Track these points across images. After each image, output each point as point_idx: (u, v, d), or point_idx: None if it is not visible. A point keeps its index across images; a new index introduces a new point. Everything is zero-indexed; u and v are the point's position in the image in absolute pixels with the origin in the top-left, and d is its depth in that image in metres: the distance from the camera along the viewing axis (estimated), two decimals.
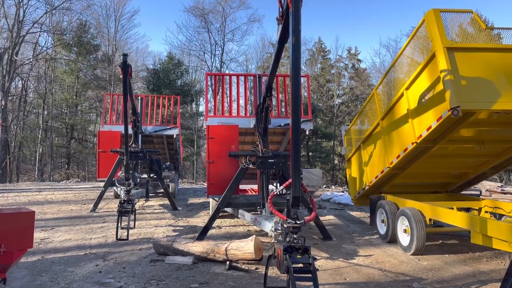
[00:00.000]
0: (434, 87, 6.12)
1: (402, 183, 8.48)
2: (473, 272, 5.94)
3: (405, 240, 7.11)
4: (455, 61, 5.82)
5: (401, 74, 7.23)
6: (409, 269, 6.13)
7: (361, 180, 9.18)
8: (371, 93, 8.70)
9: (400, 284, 5.44)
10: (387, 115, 7.73)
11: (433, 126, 6.15)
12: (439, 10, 6.06)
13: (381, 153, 8.05)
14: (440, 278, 5.67)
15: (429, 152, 7.02)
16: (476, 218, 5.76)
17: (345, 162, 10.34)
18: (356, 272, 5.94)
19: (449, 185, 8.80)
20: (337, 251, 7.18)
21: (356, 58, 45.28)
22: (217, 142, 8.53)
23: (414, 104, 6.74)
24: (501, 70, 5.95)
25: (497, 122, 6.31)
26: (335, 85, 43.33)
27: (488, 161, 7.66)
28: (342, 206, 12.92)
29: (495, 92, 5.80)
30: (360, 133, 9.22)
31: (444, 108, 5.80)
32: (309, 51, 45.99)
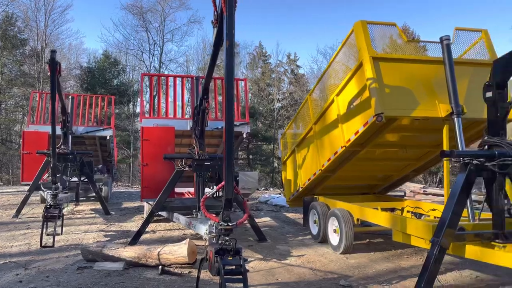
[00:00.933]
0: (361, 94, 6.48)
1: (333, 185, 8.84)
2: (394, 268, 6.35)
3: (335, 239, 7.43)
4: (380, 70, 6.20)
5: (332, 81, 7.57)
6: (338, 267, 6.41)
7: (295, 182, 9.45)
8: (305, 98, 9.01)
9: (329, 282, 5.68)
10: (319, 120, 8.03)
11: (360, 131, 6.50)
12: (366, 22, 6.43)
13: (314, 156, 8.35)
14: (365, 275, 6.00)
15: (357, 155, 7.41)
16: (397, 218, 6.17)
17: (281, 165, 10.59)
18: (288, 272, 6.10)
19: (376, 187, 9.33)
20: (271, 252, 7.32)
21: (295, 63, 46.49)
22: (152, 144, 8.34)
23: (343, 109, 7.08)
24: (420, 80, 6.44)
25: (417, 128, 6.81)
26: (275, 90, 44.17)
27: (410, 164, 8.23)
28: (278, 208, 13.19)
29: (415, 100, 6.27)
30: (295, 137, 9.50)
31: (369, 114, 6.15)
32: (250, 55, 46.51)
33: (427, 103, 6.27)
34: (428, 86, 6.41)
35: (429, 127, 6.61)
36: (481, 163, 5.05)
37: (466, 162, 5.12)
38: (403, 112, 6.14)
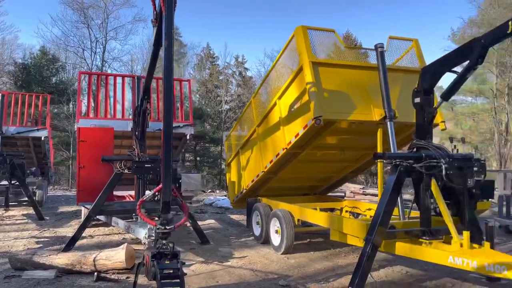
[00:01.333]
0: (301, 97, 6.64)
1: (276, 187, 8.98)
2: (332, 267, 6.55)
3: (276, 240, 7.54)
4: (319, 75, 6.40)
5: (275, 84, 7.69)
6: (278, 267, 6.51)
7: (239, 184, 9.48)
8: (249, 100, 9.08)
9: (268, 282, 5.74)
10: (262, 122, 8.13)
11: (300, 133, 6.67)
12: (306, 27, 6.62)
13: (257, 158, 8.43)
14: (304, 274, 6.14)
15: (298, 157, 7.58)
16: (334, 217, 6.39)
17: (226, 167, 10.59)
18: (229, 274, 6.10)
19: (317, 188, 9.60)
20: (213, 255, 7.27)
21: (243, 66, 46.71)
22: (89, 145, 7.99)
23: (285, 112, 7.22)
24: (357, 85, 6.74)
25: (354, 131, 7.10)
26: (223, 91, 44.09)
27: (348, 165, 8.56)
28: (223, 210, 13.16)
29: (352, 104, 6.54)
30: (239, 139, 9.54)
31: (309, 117, 6.32)
32: (197, 56, 46.09)
33: (362, 107, 6.56)
34: (364, 91, 6.71)
35: (365, 130, 6.91)
36: (410, 165, 5.37)
37: (397, 164, 5.42)
38: (340, 115, 6.37)
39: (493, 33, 4.74)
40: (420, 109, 5.68)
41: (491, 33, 4.78)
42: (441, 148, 5.35)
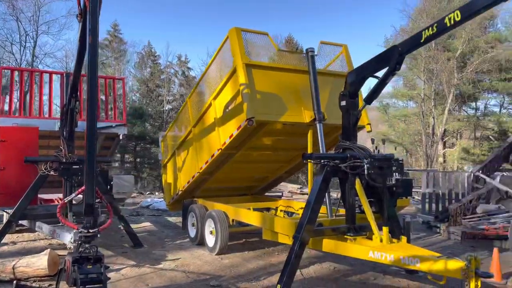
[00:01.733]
0: (235, 98, 6.70)
1: (213, 187, 8.97)
2: (265, 266, 6.67)
3: (211, 241, 7.53)
4: (252, 77, 6.49)
5: (210, 85, 7.69)
6: (211, 268, 6.51)
7: (175, 185, 9.35)
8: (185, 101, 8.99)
9: (200, 283, 5.73)
10: (198, 123, 8.09)
11: (235, 134, 6.72)
12: (240, 29, 6.68)
13: (192, 159, 8.37)
14: (236, 274, 6.19)
15: (233, 158, 7.63)
16: (266, 217, 6.51)
17: (162, 168, 10.40)
18: (160, 277, 6.00)
19: (254, 188, 9.72)
20: (145, 258, 7.11)
21: (186, 65, 46.11)
22: (10, 146, 7.45)
23: (220, 113, 7.24)
24: (289, 87, 6.92)
25: (286, 132, 7.26)
26: (165, 91, 43.22)
27: (282, 166, 8.76)
28: (161, 212, 12.90)
29: (284, 106, 6.70)
30: (176, 139, 9.40)
31: (242, 118, 6.39)
32: (138, 54, 44.76)
33: (294, 109, 6.75)
34: (296, 94, 6.91)
35: (296, 131, 7.10)
36: (336, 165, 5.61)
37: (324, 164, 5.65)
38: (272, 117, 6.51)
39: (409, 42, 5.10)
40: (346, 112, 5.96)
41: (407, 42, 5.14)
42: (364, 149, 5.65)
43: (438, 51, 29.32)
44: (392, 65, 5.20)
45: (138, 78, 43.76)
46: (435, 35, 4.70)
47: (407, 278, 5.97)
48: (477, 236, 8.42)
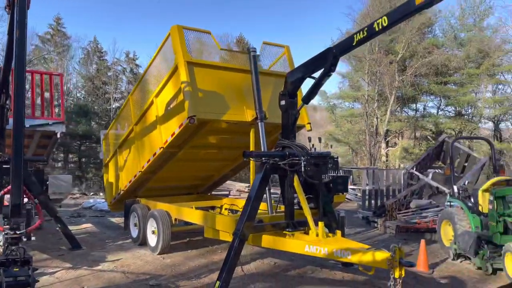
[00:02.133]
0: (177, 96, 6.66)
1: (157, 187, 8.84)
2: (206, 264, 6.69)
3: (153, 240, 7.43)
4: (194, 75, 6.48)
5: (152, 82, 7.58)
6: (152, 268, 6.43)
7: (117, 185, 9.11)
8: (126, 98, 8.79)
9: (139, 283, 5.64)
10: (140, 121, 7.94)
11: (176, 132, 6.68)
12: (182, 27, 6.65)
13: (134, 158, 8.20)
14: (177, 273, 6.16)
15: (176, 156, 7.57)
16: (208, 215, 6.54)
17: (103, 167, 10.09)
18: (97, 279, 5.84)
19: (200, 187, 9.69)
20: (83, 260, 6.88)
21: (134, 63, 44.82)
22: None
23: (162, 111, 7.16)
24: (232, 86, 6.98)
25: (229, 131, 7.33)
26: (112, 88, 41.80)
27: (227, 164, 8.81)
28: (104, 213, 12.50)
29: (226, 105, 6.75)
30: (117, 138, 9.16)
31: (184, 116, 6.37)
32: (83, 49, 42.93)
33: (236, 108, 6.82)
34: (238, 93, 6.99)
35: (239, 130, 7.18)
36: (275, 162, 5.74)
37: (264, 161, 5.76)
38: (214, 115, 6.54)
39: (343, 44, 5.34)
40: (285, 111, 6.12)
41: (341, 44, 5.37)
42: (302, 147, 5.84)
43: (381, 54, 30.70)
44: (327, 66, 5.42)
45: (83, 75, 41.96)
46: (366, 38, 4.96)
47: (342, 271, 6.24)
48: (410, 230, 8.95)
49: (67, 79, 41.38)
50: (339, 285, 5.63)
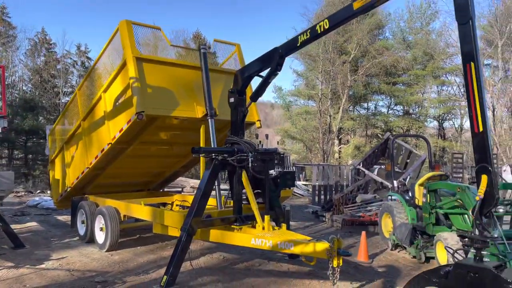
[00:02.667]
0: (125, 92, 6.61)
1: (106, 183, 8.68)
2: (155, 259, 6.71)
3: (101, 238, 7.33)
4: (143, 70, 6.45)
5: (100, 77, 7.45)
6: (99, 265, 6.36)
7: (63, 182, 8.86)
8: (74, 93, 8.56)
9: (84, 280, 5.58)
10: (88, 116, 7.78)
11: (125, 128, 6.62)
12: (131, 22, 6.58)
13: (82, 154, 8.02)
14: (125, 269, 6.14)
15: (125, 152, 7.50)
16: (157, 211, 6.56)
17: (49, 164, 9.77)
18: (40, 277, 5.71)
19: (151, 183, 9.63)
20: (26, 259, 6.68)
21: (86, 56, 43.19)
22: None
23: (110, 106, 7.06)
24: (182, 83, 7.01)
25: (180, 127, 7.36)
26: (62, 82, 40.09)
27: (179, 161, 8.81)
28: (50, 211, 12.06)
29: (176, 101, 6.78)
30: (64, 133, 8.90)
31: (132, 112, 6.33)
32: (30, 40, 40.80)
33: (186, 105, 6.86)
34: (189, 89, 7.03)
35: (190, 126, 7.23)
36: (224, 158, 5.87)
37: (212, 157, 5.87)
38: (163, 111, 6.55)
39: (288, 45, 5.54)
40: (234, 108, 6.27)
41: (286, 44, 5.57)
42: (250, 144, 6.00)
43: (335, 54, 31.62)
44: (274, 65, 5.62)
45: (29, 67, 39.94)
46: (309, 40, 5.20)
47: (288, 263, 6.48)
48: (355, 223, 9.40)
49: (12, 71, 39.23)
50: (284, 276, 5.85)
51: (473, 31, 3.63)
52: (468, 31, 3.63)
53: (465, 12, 3.64)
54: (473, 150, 3.64)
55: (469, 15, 3.62)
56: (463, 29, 3.66)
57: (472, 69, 3.59)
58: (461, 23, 3.67)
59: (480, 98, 3.56)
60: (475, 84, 3.58)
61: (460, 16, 3.67)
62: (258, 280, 5.65)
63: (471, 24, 3.61)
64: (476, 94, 3.58)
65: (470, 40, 3.61)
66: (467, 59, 3.63)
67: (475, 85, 3.58)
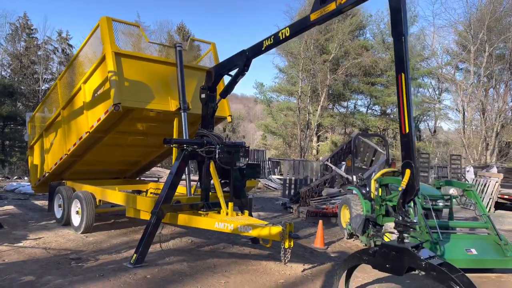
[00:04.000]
0: (104, 84, 7.05)
1: (83, 170, 9.09)
2: (128, 241, 7.19)
3: (77, 220, 7.77)
4: (121, 65, 6.90)
5: (81, 69, 7.85)
6: (74, 245, 6.82)
7: (42, 167, 9.24)
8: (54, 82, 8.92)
9: (59, 257, 6.03)
10: (67, 105, 8.17)
11: (102, 118, 7.07)
12: (111, 19, 7.01)
13: (61, 141, 8.41)
14: (98, 249, 6.62)
15: (102, 141, 7.94)
16: (130, 196, 7.05)
17: (28, 150, 10.10)
18: (18, 254, 6.14)
19: (127, 172, 10.08)
20: (4, 238, 7.08)
21: (67, 42, 42.78)
22: None
23: (89, 97, 7.49)
24: (158, 78, 7.48)
25: (154, 119, 7.83)
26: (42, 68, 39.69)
27: (154, 151, 9.28)
28: (27, 196, 12.37)
29: (151, 94, 7.26)
30: (44, 121, 9.26)
31: (110, 103, 6.78)
32: (11, 25, 40.18)
33: (161, 98, 7.35)
34: (164, 84, 7.51)
35: (164, 118, 7.71)
36: (194, 150, 6.40)
37: (183, 148, 6.40)
38: (139, 104, 7.02)
39: (254, 48, 6.07)
40: (205, 104, 6.81)
41: (253, 48, 6.10)
42: (218, 137, 6.55)
43: (315, 53, 32.32)
44: (241, 66, 6.16)
45: (9, 52, 39.39)
46: (272, 45, 5.74)
47: (250, 246, 7.08)
48: (319, 214, 10.05)
49: None
50: (245, 258, 6.43)
51: (405, 46, 4.23)
52: (401, 46, 4.23)
53: (399, 30, 4.24)
54: (401, 148, 4.27)
55: (402, 33, 4.22)
56: (398, 44, 4.26)
57: (403, 79, 4.20)
58: (395, 39, 4.28)
59: (408, 104, 4.18)
60: (404, 92, 4.20)
61: (395, 33, 4.27)
62: (220, 260, 6.21)
63: (403, 40, 4.22)
64: (405, 100, 4.19)
65: (402, 54, 4.21)
66: (399, 70, 4.24)
67: (404, 93, 4.20)
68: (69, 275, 5.22)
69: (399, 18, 4.22)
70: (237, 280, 5.34)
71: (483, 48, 29.35)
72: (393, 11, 4.27)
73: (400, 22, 4.23)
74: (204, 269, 5.72)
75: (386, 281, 5.47)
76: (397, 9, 4.23)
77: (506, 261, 5.82)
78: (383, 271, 4.16)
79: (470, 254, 5.78)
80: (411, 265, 3.95)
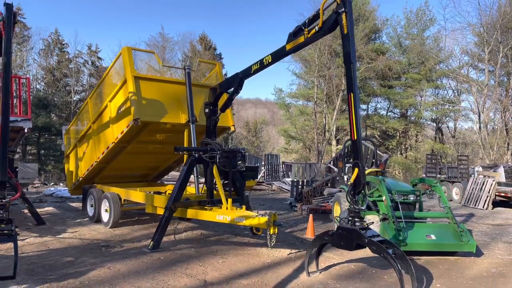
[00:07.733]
0: (126, 102, 8.47)
1: (111, 175, 10.57)
2: (148, 234, 8.52)
3: (106, 217, 9.22)
4: (139, 86, 8.31)
5: (107, 89, 9.33)
6: (104, 236, 8.24)
7: (76, 173, 10.79)
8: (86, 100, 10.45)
9: (92, 245, 7.45)
10: (97, 120, 9.66)
11: (125, 131, 8.49)
12: (131, 48, 8.45)
13: (92, 150, 9.92)
14: (123, 239, 8.01)
15: (126, 149, 9.37)
16: (148, 195, 8.43)
17: (64, 158, 11.70)
18: (60, 243, 7.60)
19: (148, 176, 11.52)
20: (47, 232, 8.58)
21: (96, 55, 45.34)
22: None
23: (114, 113, 8.93)
24: (170, 95, 8.84)
25: (168, 130, 9.20)
26: (74, 81, 42.23)
27: (170, 157, 10.67)
28: (64, 199, 14.05)
29: (165, 110, 8.63)
30: (77, 133, 10.82)
31: (130, 118, 8.19)
32: (44, 41, 43.03)
33: (173, 113, 8.71)
34: (175, 100, 8.87)
35: (177, 130, 9.06)
36: (199, 155, 7.72)
37: (190, 154, 7.73)
38: (154, 118, 8.40)
39: (245, 71, 7.32)
40: (208, 117, 8.13)
41: (244, 71, 7.36)
42: (219, 144, 7.84)
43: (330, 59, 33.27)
44: (236, 86, 7.45)
45: (43, 66, 42.10)
46: (259, 69, 6.97)
47: (249, 237, 8.32)
48: (318, 211, 11.18)
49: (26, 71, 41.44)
50: (243, 245, 7.67)
51: (353, 71, 5.40)
52: (350, 72, 5.40)
53: (348, 59, 5.40)
54: (351, 151, 5.43)
55: (351, 61, 5.38)
56: (348, 70, 5.43)
57: (352, 98, 5.36)
58: (346, 65, 5.45)
59: (356, 117, 5.34)
60: (353, 107, 5.36)
61: (345, 61, 5.44)
62: (222, 247, 7.48)
63: (351, 67, 5.38)
64: (353, 114, 5.35)
65: (350, 77, 5.38)
66: (348, 90, 5.42)
67: (352, 108, 5.36)
68: (100, 257, 6.60)
69: (348, 45, 5.36)
70: (232, 260, 6.58)
71: (497, 49, 29.57)
72: (344, 40, 5.41)
73: (349, 53, 5.38)
74: (207, 253, 7.00)
75: (356, 262, 6.59)
76: (347, 37, 5.34)
77: (461, 245, 6.82)
78: (339, 247, 5.38)
79: (429, 239, 6.82)
80: (358, 242, 5.14)
